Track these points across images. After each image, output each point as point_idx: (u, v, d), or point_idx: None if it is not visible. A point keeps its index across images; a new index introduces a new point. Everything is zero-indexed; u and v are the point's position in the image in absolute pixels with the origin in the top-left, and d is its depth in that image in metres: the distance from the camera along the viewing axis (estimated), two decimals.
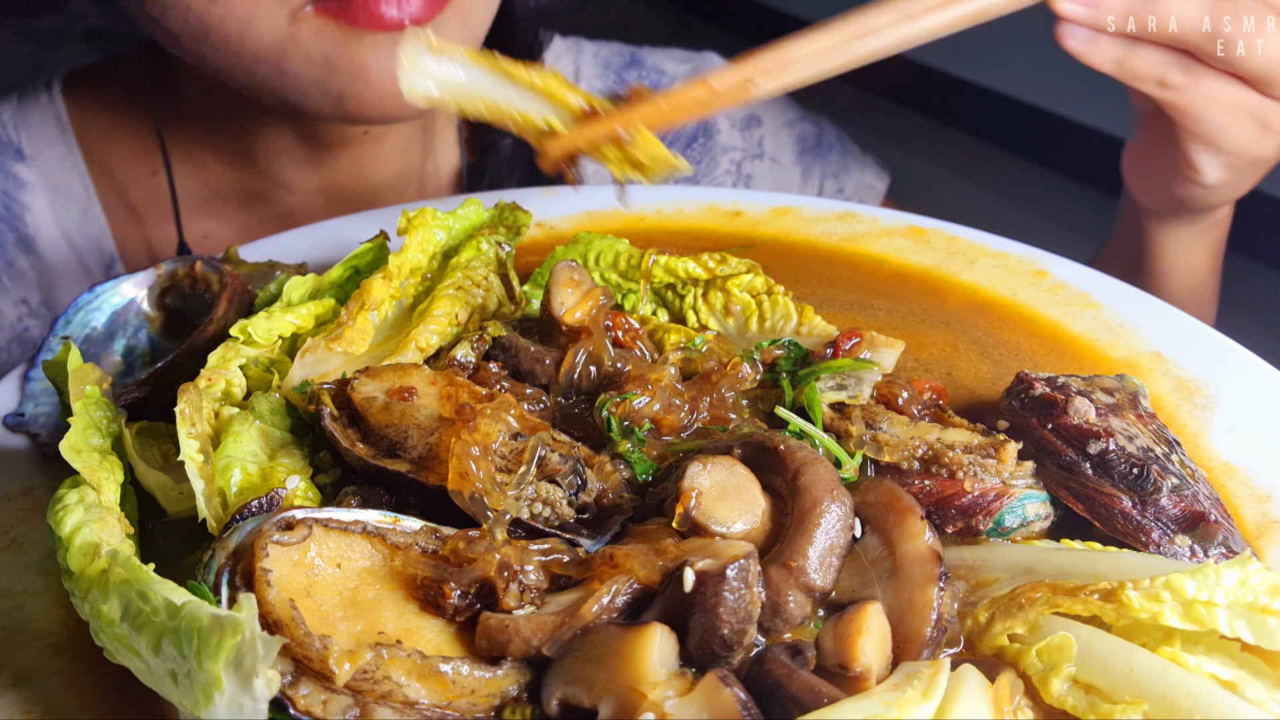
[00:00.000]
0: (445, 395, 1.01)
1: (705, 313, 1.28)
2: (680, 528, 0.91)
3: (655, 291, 1.31)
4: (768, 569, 0.87)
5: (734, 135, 1.99)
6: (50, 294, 1.77)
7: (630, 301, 1.30)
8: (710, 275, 1.27)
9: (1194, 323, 1.26)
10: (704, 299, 1.28)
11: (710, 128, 1.97)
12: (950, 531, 1.00)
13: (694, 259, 1.27)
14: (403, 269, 1.18)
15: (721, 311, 1.27)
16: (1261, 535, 1.01)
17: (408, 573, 0.89)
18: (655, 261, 1.28)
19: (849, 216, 1.48)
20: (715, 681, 0.77)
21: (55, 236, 1.75)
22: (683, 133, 1.96)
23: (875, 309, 1.34)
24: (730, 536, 0.90)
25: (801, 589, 0.87)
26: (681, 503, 0.91)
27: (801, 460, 0.93)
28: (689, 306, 1.28)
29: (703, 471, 0.93)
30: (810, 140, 2.03)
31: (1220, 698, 0.80)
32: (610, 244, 1.31)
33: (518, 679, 0.84)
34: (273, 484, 0.97)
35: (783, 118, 2.03)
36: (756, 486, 0.94)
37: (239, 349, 1.11)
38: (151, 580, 0.80)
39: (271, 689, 0.73)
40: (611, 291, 1.20)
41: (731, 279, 1.27)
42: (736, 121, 1.99)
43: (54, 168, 1.76)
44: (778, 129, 2.01)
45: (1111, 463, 1.01)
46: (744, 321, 1.26)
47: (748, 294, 1.26)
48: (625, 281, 1.30)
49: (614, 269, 1.30)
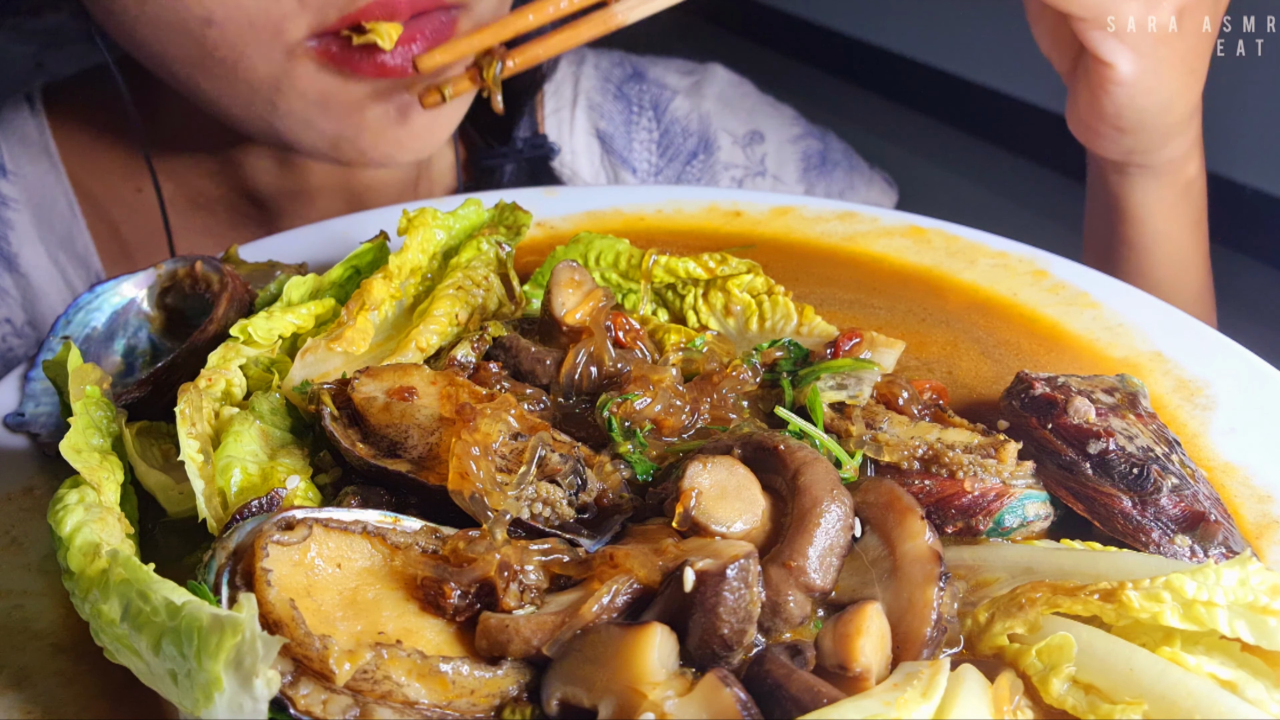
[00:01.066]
0: (445, 395, 1.01)
1: (705, 313, 1.28)
2: (680, 527, 0.91)
3: (655, 291, 1.30)
4: (767, 569, 0.87)
5: (735, 152, 1.96)
6: (34, 313, 1.73)
7: (630, 301, 1.30)
8: (710, 275, 1.27)
9: (1194, 323, 1.26)
10: (704, 299, 1.28)
11: (711, 144, 1.94)
12: (950, 531, 1.00)
13: (694, 259, 1.27)
14: (403, 269, 1.18)
15: (722, 312, 1.27)
16: (1261, 535, 1.01)
17: (408, 573, 0.89)
18: (656, 261, 1.28)
19: (849, 216, 1.48)
20: (715, 681, 0.77)
21: (39, 254, 1.71)
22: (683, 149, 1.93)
23: (875, 308, 1.34)
24: (730, 536, 0.90)
25: (801, 589, 0.87)
26: (681, 502, 0.91)
27: (801, 460, 0.93)
28: (689, 306, 1.28)
29: (703, 471, 0.93)
30: (815, 158, 2.00)
31: (1220, 698, 0.80)
32: (610, 244, 1.31)
33: (518, 679, 0.84)
34: (273, 484, 0.97)
35: (786, 134, 1.99)
36: (756, 486, 0.94)
37: (239, 349, 1.11)
38: (152, 580, 0.80)
39: (271, 689, 0.73)
40: (612, 292, 1.20)
41: (732, 279, 1.27)
42: (739, 138, 1.96)
43: (37, 184, 1.72)
44: (781, 145, 1.98)
45: (1112, 463, 1.01)
46: (744, 321, 1.26)
47: (748, 294, 1.26)
48: (626, 281, 1.30)
49: (614, 269, 1.30)
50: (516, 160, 1.83)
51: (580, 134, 1.91)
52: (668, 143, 1.93)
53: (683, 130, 1.93)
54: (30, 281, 1.72)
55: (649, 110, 1.93)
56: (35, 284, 1.72)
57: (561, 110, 1.91)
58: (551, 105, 1.91)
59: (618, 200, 1.53)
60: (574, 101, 1.91)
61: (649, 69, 1.98)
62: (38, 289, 1.72)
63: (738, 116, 1.95)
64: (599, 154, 1.92)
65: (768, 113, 1.98)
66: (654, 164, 1.93)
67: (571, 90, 1.92)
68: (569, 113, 1.91)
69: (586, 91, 1.92)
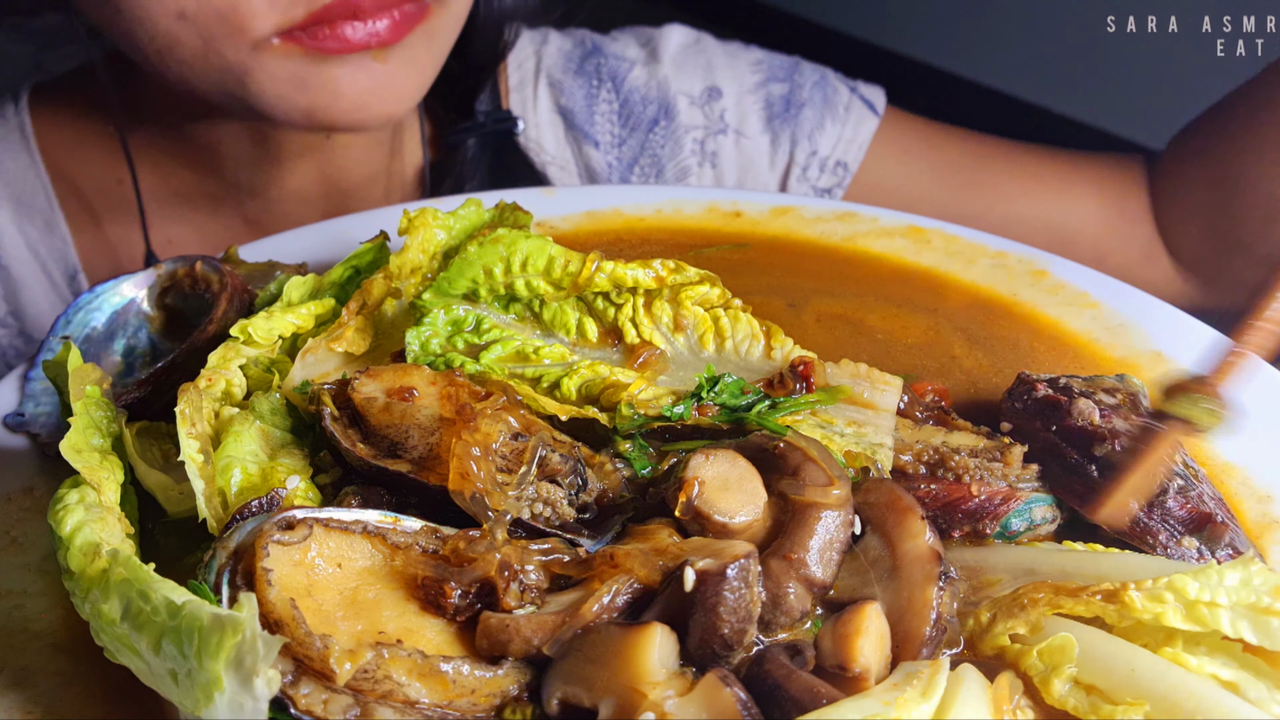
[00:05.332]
0: (446, 395, 1.01)
1: (648, 326, 1.11)
2: (683, 516, 0.91)
3: (582, 299, 1.13)
4: (768, 561, 0.88)
5: (694, 113, 1.90)
6: (16, 304, 1.76)
7: (551, 314, 1.13)
8: (661, 284, 1.11)
9: (1194, 323, 1.26)
10: (647, 309, 1.11)
11: (671, 108, 1.90)
12: (957, 536, 0.99)
13: (644, 264, 1.11)
14: (403, 269, 1.18)
15: (670, 326, 1.11)
16: (1262, 535, 1.01)
17: (408, 572, 0.89)
18: (599, 267, 1.10)
19: (849, 216, 1.48)
20: (715, 681, 0.77)
21: (19, 247, 1.75)
22: (643, 117, 1.90)
23: (875, 309, 1.34)
24: (732, 527, 0.91)
25: (802, 581, 0.88)
26: (685, 492, 0.91)
27: (800, 458, 0.93)
28: (626, 318, 1.11)
29: (705, 463, 0.93)
30: (779, 104, 1.90)
31: (1222, 699, 0.80)
32: (540, 246, 1.12)
33: (518, 678, 0.84)
34: (273, 484, 0.97)
35: (747, 83, 1.91)
36: (758, 479, 0.94)
37: (239, 349, 1.11)
38: (152, 580, 0.80)
39: (272, 688, 0.73)
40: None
41: (685, 289, 1.11)
42: (696, 98, 1.90)
43: (17, 179, 1.75)
44: (740, 98, 1.90)
45: (1117, 464, 1.00)
46: (698, 339, 1.10)
47: (701, 307, 1.11)
48: (556, 291, 1.12)
49: (545, 276, 1.12)
50: (480, 134, 1.84)
51: (544, 111, 1.92)
52: (628, 113, 1.91)
53: (642, 99, 1.91)
54: (10, 274, 1.75)
55: (608, 82, 1.92)
56: (15, 275, 1.75)
57: (525, 88, 1.91)
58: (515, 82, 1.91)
59: (617, 200, 1.53)
60: (536, 80, 1.92)
61: (607, 45, 1.96)
62: (18, 280, 1.75)
63: (694, 75, 1.91)
64: (563, 130, 1.92)
65: (726, 64, 1.92)
66: (616, 135, 1.91)
67: (534, 67, 1.92)
68: (532, 90, 1.91)
69: (548, 69, 1.92)
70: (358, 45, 1.39)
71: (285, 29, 1.37)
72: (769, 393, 1.07)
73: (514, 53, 1.90)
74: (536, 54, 1.93)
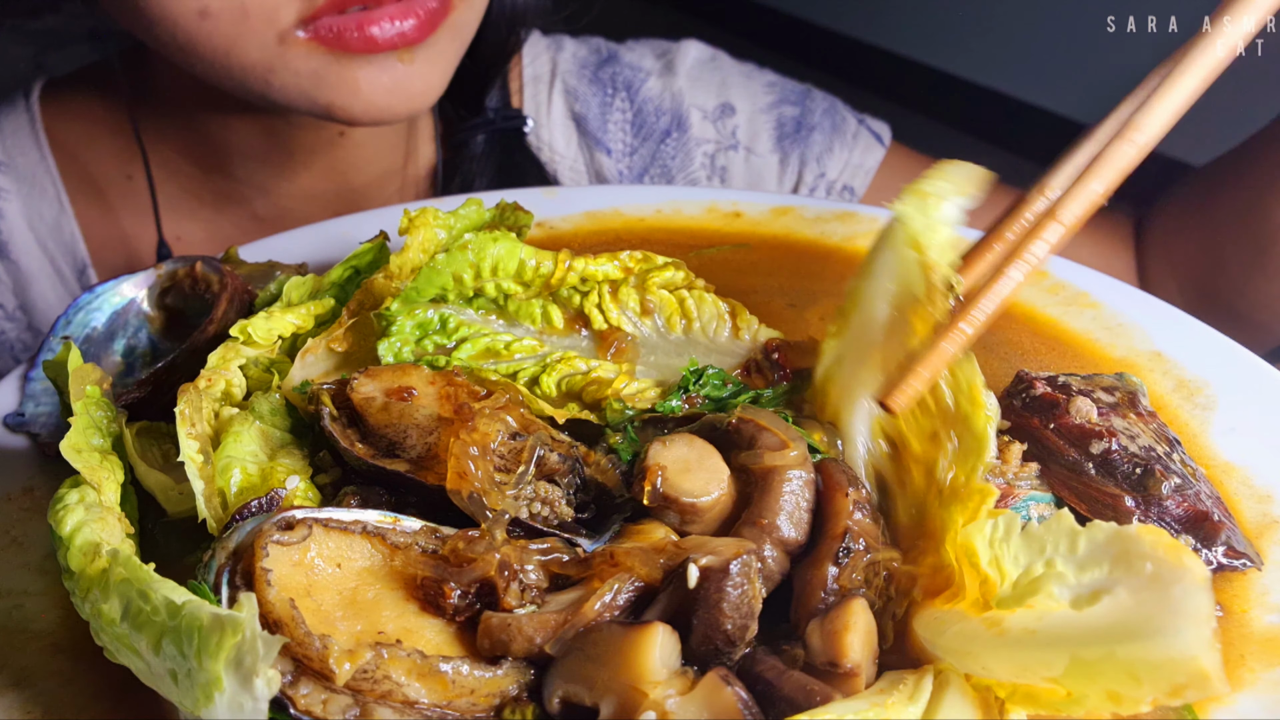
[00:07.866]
0: (444, 395, 1.01)
1: (615, 312, 1.11)
2: (651, 504, 0.92)
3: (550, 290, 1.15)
4: (741, 531, 0.89)
5: (706, 127, 1.93)
6: (25, 298, 1.77)
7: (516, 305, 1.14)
8: (628, 274, 1.12)
9: (1194, 322, 1.26)
10: (613, 296, 1.12)
11: (684, 121, 1.92)
12: None
13: (611, 258, 1.12)
14: (404, 269, 1.18)
15: (637, 311, 1.12)
16: (1262, 535, 1.01)
17: (408, 572, 0.89)
18: (569, 267, 1.11)
19: (849, 216, 1.48)
20: (716, 680, 0.77)
21: (29, 241, 1.76)
22: (656, 128, 1.92)
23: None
24: (700, 506, 0.92)
25: (777, 545, 0.89)
26: (648, 480, 0.92)
27: (753, 428, 0.95)
28: (593, 305, 1.12)
29: (664, 449, 0.94)
30: (789, 125, 1.93)
31: None
32: (511, 248, 1.12)
33: (518, 678, 0.84)
34: (273, 484, 0.97)
35: (760, 103, 1.94)
36: (718, 456, 0.95)
37: (239, 349, 1.11)
38: (152, 580, 0.80)
39: (272, 688, 0.73)
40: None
41: (651, 274, 1.12)
42: (709, 113, 1.93)
43: (27, 174, 1.76)
44: (753, 116, 1.93)
45: (1114, 462, 1.00)
46: (665, 322, 1.11)
47: (666, 290, 1.12)
48: (526, 290, 1.14)
49: (516, 279, 1.13)
50: (488, 130, 1.84)
51: (558, 116, 1.93)
52: (641, 122, 1.93)
53: (655, 110, 1.93)
54: (20, 268, 1.76)
55: (622, 91, 1.93)
56: (25, 270, 1.76)
57: (539, 93, 1.92)
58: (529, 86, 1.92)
59: (617, 200, 1.53)
60: (551, 85, 1.93)
61: (625, 54, 1.98)
62: (27, 275, 1.76)
63: (709, 90, 1.94)
64: (575, 136, 1.93)
65: (741, 83, 1.95)
66: (629, 144, 1.93)
67: (549, 72, 1.93)
68: (546, 96, 1.92)
69: (564, 75, 1.93)
70: (384, 46, 1.39)
71: (309, 17, 1.37)
72: (748, 383, 1.09)
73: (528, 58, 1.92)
74: (552, 60, 1.94)
